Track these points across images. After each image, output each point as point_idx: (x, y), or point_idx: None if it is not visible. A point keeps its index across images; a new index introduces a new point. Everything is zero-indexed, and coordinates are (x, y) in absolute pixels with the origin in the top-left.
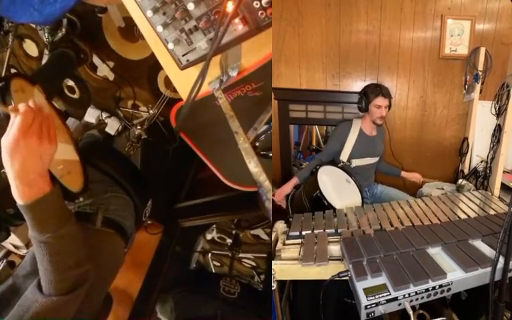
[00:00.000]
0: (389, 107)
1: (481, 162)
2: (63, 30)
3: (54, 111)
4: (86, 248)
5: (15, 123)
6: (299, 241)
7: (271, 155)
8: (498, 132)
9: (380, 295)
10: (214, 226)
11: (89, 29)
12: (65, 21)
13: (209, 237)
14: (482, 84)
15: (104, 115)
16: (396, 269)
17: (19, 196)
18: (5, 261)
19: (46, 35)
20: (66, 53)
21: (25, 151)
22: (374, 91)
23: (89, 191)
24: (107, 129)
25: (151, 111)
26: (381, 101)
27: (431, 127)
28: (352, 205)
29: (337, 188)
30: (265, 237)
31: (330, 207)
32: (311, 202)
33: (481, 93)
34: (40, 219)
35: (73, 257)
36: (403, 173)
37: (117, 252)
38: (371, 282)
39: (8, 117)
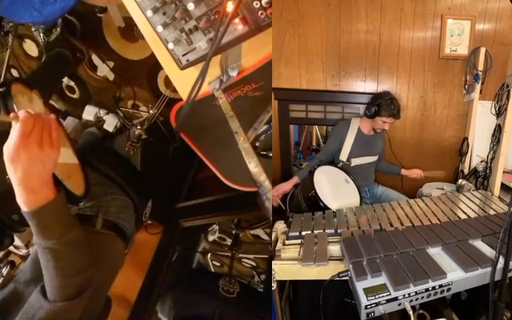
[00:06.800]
0: None
1: (481, 162)
2: (58, 30)
3: (53, 115)
4: (89, 253)
5: (14, 130)
6: (299, 241)
7: (270, 155)
8: (498, 132)
9: (380, 295)
10: (216, 227)
11: (89, 28)
12: (59, 21)
13: (211, 238)
14: (482, 84)
15: (102, 112)
16: (396, 269)
17: (23, 203)
18: (8, 266)
19: (41, 35)
20: (62, 53)
21: (25, 159)
22: (388, 109)
23: (90, 194)
24: (105, 126)
25: (151, 111)
26: (389, 119)
27: (431, 126)
28: (350, 205)
29: (335, 188)
30: (265, 236)
31: (325, 207)
32: (307, 201)
33: (481, 93)
34: (44, 225)
35: (77, 263)
36: (403, 171)
37: (116, 254)
38: (371, 282)
39: (10, 123)
